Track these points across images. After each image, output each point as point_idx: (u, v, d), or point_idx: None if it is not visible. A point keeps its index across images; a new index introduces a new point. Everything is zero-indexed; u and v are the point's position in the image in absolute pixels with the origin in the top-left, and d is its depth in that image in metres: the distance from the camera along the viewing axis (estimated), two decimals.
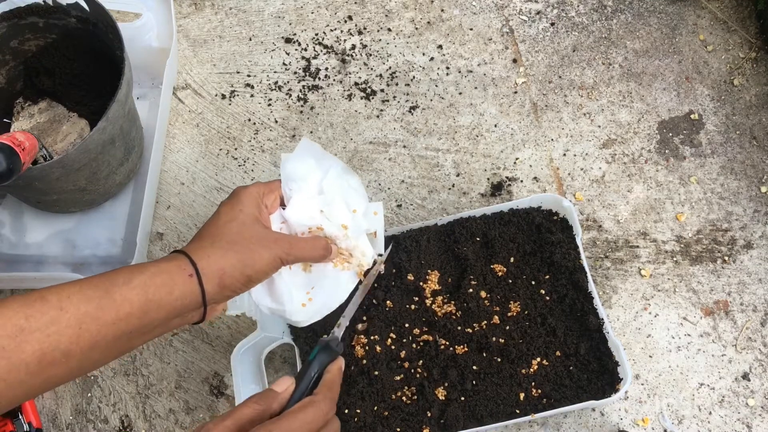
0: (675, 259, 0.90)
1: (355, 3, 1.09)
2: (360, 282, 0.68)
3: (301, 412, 0.57)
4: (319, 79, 1.04)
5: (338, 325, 0.70)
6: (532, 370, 0.78)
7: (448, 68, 1.03)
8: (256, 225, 0.59)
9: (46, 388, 0.49)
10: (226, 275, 0.55)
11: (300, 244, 0.61)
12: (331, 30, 1.07)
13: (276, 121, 1.01)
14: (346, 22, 1.07)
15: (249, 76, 1.04)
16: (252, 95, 1.03)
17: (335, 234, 0.65)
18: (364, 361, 0.80)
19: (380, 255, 0.71)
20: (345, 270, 0.66)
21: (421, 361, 0.80)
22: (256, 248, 0.57)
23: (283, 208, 0.64)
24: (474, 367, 0.79)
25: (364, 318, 0.83)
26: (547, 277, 0.82)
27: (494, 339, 0.80)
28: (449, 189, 0.96)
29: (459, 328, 0.80)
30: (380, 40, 1.06)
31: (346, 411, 0.77)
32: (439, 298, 0.82)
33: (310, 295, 0.65)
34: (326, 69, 1.04)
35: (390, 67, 1.04)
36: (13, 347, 0.46)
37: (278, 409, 0.58)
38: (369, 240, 0.68)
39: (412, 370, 0.80)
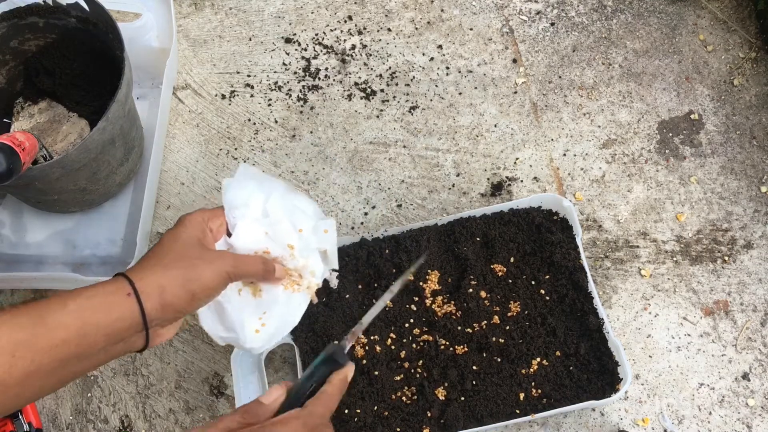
0: (675, 259, 0.90)
1: (355, 3, 1.09)
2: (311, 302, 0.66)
3: (280, 424, 0.53)
4: (319, 79, 1.04)
5: (352, 332, 0.64)
6: (532, 370, 0.78)
7: (448, 68, 1.03)
8: (199, 245, 0.57)
9: None
10: (167, 292, 0.53)
11: (245, 259, 0.60)
12: (331, 30, 1.07)
13: (276, 121, 1.01)
14: (346, 22, 1.07)
15: (249, 76, 1.04)
16: (252, 95, 1.03)
17: (282, 255, 0.63)
18: (364, 361, 0.80)
19: (334, 270, 0.69)
20: (296, 292, 0.65)
21: (421, 361, 0.80)
22: (198, 264, 0.55)
23: (229, 236, 0.63)
24: (474, 367, 0.79)
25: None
26: (547, 277, 0.82)
27: (494, 339, 0.80)
28: (449, 189, 0.96)
29: (459, 328, 0.80)
30: (380, 40, 1.06)
31: (346, 411, 0.77)
32: (439, 298, 0.82)
33: (263, 320, 0.63)
34: (326, 69, 1.04)
35: (390, 67, 1.04)
36: None
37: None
38: (321, 257, 0.67)
39: (412, 370, 0.80)
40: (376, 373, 0.79)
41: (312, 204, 0.68)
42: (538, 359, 0.78)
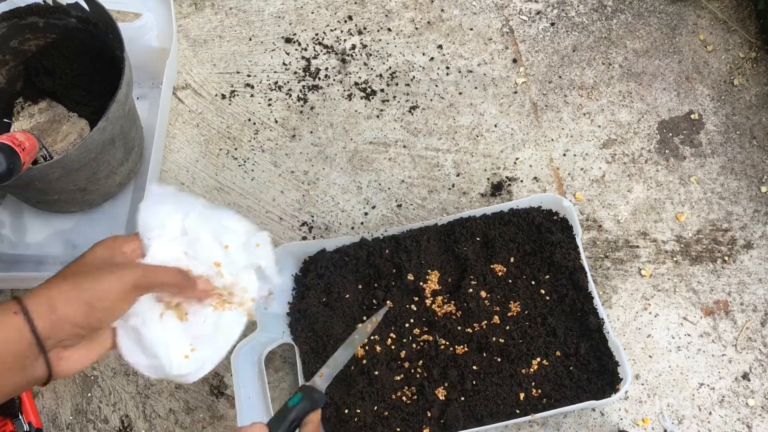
0: (675, 259, 0.90)
1: (355, 3, 1.09)
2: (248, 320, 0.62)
3: None
4: (319, 79, 1.04)
5: (320, 375, 0.65)
6: (532, 370, 0.78)
7: (448, 68, 1.03)
8: (103, 263, 0.53)
9: None
10: (59, 305, 0.48)
11: (158, 269, 0.55)
12: (331, 30, 1.07)
13: (276, 121, 1.01)
14: (346, 22, 1.07)
15: (249, 76, 1.04)
16: (252, 95, 1.03)
17: (207, 273, 0.59)
18: (364, 361, 0.80)
19: (270, 293, 0.65)
20: (227, 310, 0.61)
21: (421, 361, 0.80)
22: (98, 274, 0.51)
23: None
24: (474, 367, 0.79)
25: (365, 318, 0.83)
26: (547, 277, 0.82)
27: (494, 339, 0.80)
28: (449, 189, 0.96)
29: (459, 328, 0.80)
30: (380, 40, 1.06)
31: (347, 411, 0.77)
32: (439, 298, 0.82)
33: (193, 344, 0.59)
34: (326, 69, 1.04)
35: (390, 67, 1.04)
36: None
37: None
38: (258, 275, 0.63)
39: (412, 370, 0.80)
40: (376, 373, 0.79)
41: (242, 220, 0.63)
42: (538, 359, 0.78)
